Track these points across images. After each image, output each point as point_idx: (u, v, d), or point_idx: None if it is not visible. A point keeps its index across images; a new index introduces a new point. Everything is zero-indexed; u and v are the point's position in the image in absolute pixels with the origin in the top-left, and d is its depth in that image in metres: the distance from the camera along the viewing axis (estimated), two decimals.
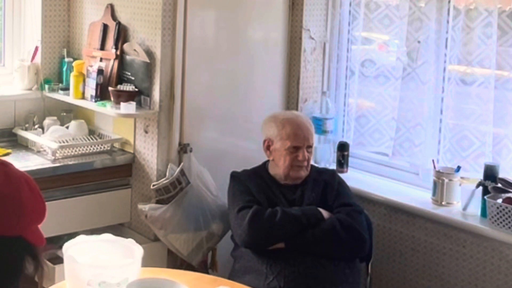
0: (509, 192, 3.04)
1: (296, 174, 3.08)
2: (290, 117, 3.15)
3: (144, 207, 3.30)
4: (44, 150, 3.49)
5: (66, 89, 3.68)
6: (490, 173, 3.12)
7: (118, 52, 3.47)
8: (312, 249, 2.89)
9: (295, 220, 2.91)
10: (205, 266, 3.46)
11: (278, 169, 3.10)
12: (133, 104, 3.34)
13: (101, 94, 3.49)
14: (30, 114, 3.72)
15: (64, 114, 3.78)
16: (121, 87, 3.42)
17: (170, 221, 3.27)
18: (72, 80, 3.60)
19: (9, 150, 3.51)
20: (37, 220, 1.46)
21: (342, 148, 3.73)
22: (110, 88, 3.43)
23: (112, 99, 3.41)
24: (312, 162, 3.20)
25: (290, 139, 3.06)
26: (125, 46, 3.47)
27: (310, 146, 3.10)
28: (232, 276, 2.96)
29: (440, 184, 3.27)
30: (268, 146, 3.14)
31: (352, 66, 3.81)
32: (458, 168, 3.27)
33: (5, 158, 3.36)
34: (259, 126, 3.24)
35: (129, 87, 3.41)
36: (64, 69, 3.75)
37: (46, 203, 1.50)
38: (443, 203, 3.29)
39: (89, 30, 3.68)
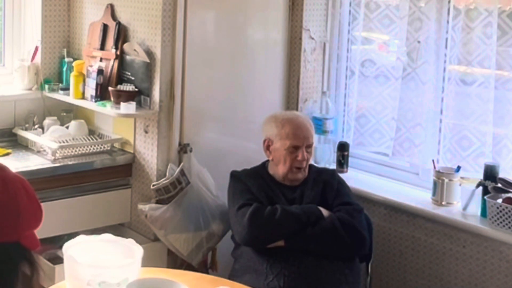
0: (509, 192, 3.04)
1: (294, 177, 3.08)
2: (290, 117, 3.15)
3: (144, 207, 3.30)
4: (44, 150, 3.49)
5: (66, 89, 3.67)
6: (490, 173, 3.11)
7: (118, 52, 3.47)
8: (312, 247, 2.89)
9: (295, 217, 2.91)
10: (205, 266, 3.46)
11: (277, 170, 3.10)
12: (133, 104, 3.34)
13: (101, 94, 3.49)
14: (30, 114, 3.71)
15: (64, 114, 3.77)
16: (121, 87, 3.42)
17: (170, 221, 3.27)
18: (72, 80, 3.60)
19: (9, 150, 3.50)
20: (34, 225, 1.44)
21: (342, 148, 3.73)
22: (110, 88, 3.43)
23: (112, 99, 3.41)
24: (312, 162, 3.20)
25: (290, 138, 3.06)
26: (125, 46, 3.47)
27: (309, 146, 3.10)
28: (232, 276, 2.96)
29: (440, 184, 3.27)
30: (268, 146, 3.14)
31: (352, 66, 3.80)
32: (458, 168, 3.27)
33: (5, 158, 3.37)
34: (259, 126, 3.24)
35: (129, 87, 3.41)
36: (64, 69, 3.75)
37: (46, 203, 1.50)
38: (443, 203, 3.29)
39: (89, 30, 3.68)
